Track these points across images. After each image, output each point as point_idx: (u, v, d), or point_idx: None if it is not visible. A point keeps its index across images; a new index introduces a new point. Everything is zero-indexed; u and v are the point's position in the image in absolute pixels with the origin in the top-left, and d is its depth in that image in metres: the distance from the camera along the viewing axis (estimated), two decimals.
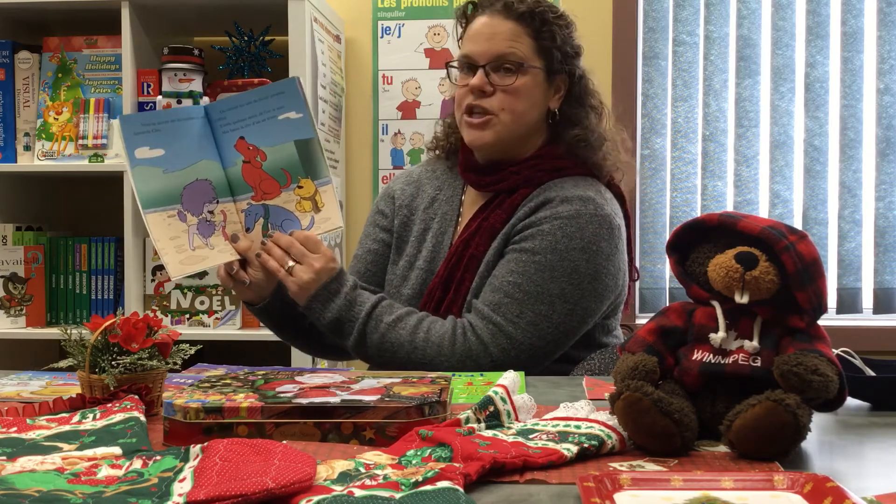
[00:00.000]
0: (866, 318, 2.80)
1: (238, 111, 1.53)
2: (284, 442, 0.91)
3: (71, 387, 1.34)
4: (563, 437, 0.96)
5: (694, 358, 1.03)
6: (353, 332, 1.57)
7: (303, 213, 1.58)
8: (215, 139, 1.53)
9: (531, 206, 1.63)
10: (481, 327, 1.55)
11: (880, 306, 2.79)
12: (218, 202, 1.54)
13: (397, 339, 1.56)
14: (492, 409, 1.02)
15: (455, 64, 1.70)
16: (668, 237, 1.24)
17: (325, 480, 0.81)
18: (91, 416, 1.04)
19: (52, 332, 2.45)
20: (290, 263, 1.56)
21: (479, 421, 1.00)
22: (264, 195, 1.57)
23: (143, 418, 1.02)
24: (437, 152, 1.84)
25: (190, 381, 1.39)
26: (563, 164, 1.67)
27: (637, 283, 2.82)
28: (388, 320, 1.57)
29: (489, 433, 0.97)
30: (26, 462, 0.87)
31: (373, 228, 1.83)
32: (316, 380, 1.15)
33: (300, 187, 1.57)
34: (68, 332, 1.19)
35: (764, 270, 1.00)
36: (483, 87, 1.63)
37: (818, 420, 1.09)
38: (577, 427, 0.98)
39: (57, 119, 2.47)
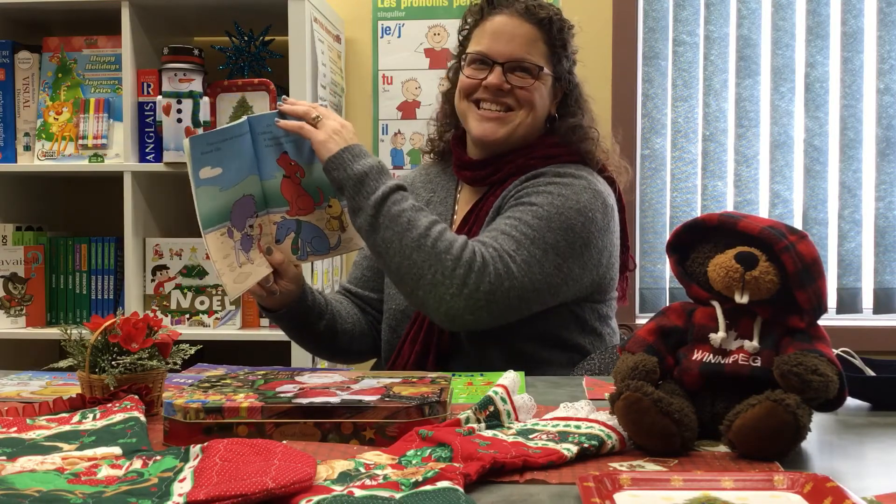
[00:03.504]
0: (866, 318, 2.80)
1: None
2: (284, 442, 0.91)
3: (71, 387, 1.34)
4: (563, 437, 0.96)
5: (694, 358, 1.03)
6: (375, 192, 1.51)
7: (331, 232, 1.61)
8: (255, 152, 1.54)
9: (522, 179, 1.65)
10: (483, 249, 1.52)
11: (880, 306, 2.79)
12: (257, 216, 1.56)
13: (416, 220, 1.50)
14: (492, 409, 1.02)
15: (476, 56, 1.68)
16: (668, 237, 1.24)
17: (325, 480, 0.81)
18: (91, 416, 1.04)
19: (52, 332, 2.45)
20: (316, 115, 1.55)
21: (479, 421, 1.00)
22: (299, 210, 1.59)
23: (143, 418, 1.02)
24: (433, 156, 1.86)
25: (190, 381, 1.39)
26: (555, 152, 1.69)
27: (637, 283, 2.82)
28: (415, 203, 1.54)
29: (489, 433, 0.97)
30: (26, 462, 0.87)
31: None
32: (316, 380, 1.15)
33: (329, 206, 1.60)
34: (68, 332, 1.19)
35: (764, 270, 1.00)
36: (502, 86, 1.65)
37: (818, 420, 1.09)
38: (577, 427, 0.98)
39: (57, 119, 2.47)
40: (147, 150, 2.43)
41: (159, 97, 2.39)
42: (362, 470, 0.84)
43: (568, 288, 1.59)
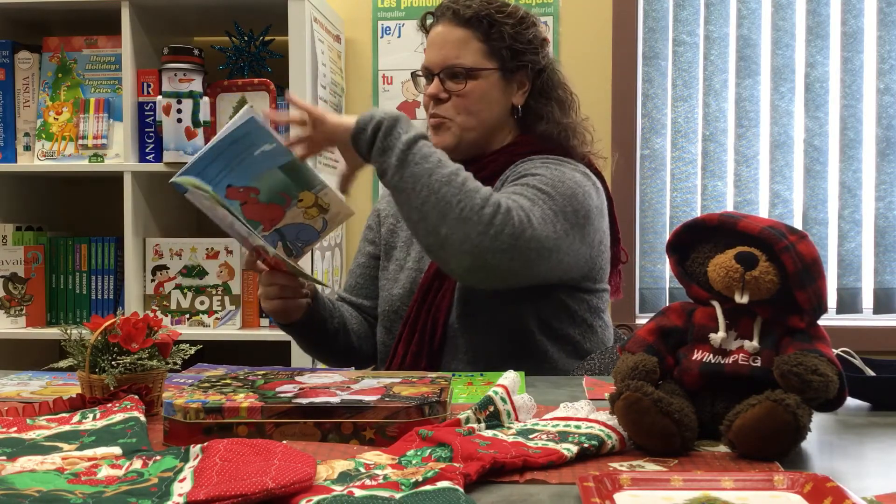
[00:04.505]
0: (866, 318, 2.80)
1: (215, 165, 1.52)
2: (284, 442, 0.91)
3: (71, 387, 1.34)
4: (563, 437, 0.96)
5: (694, 358, 1.03)
6: (407, 132, 1.50)
7: (313, 219, 1.61)
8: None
9: (516, 164, 1.67)
10: (505, 198, 1.49)
11: (880, 306, 2.79)
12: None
13: (446, 161, 1.49)
14: (492, 409, 1.02)
15: (420, 73, 1.75)
16: (668, 237, 1.24)
17: (325, 480, 0.81)
18: (91, 416, 1.04)
19: (52, 332, 2.45)
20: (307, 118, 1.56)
21: (479, 421, 1.00)
22: (273, 222, 1.59)
23: (143, 418, 1.02)
24: None
25: (190, 381, 1.39)
26: (539, 148, 1.71)
27: (637, 283, 2.82)
28: (441, 150, 1.53)
29: (489, 433, 0.97)
30: (26, 462, 0.87)
31: (362, 244, 1.91)
32: (316, 380, 1.15)
33: (300, 200, 1.59)
34: (68, 332, 1.19)
35: (764, 270, 1.00)
36: (438, 95, 1.69)
37: (818, 420, 1.09)
38: (577, 427, 0.98)
39: (57, 119, 2.47)
40: (147, 150, 2.43)
41: (159, 97, 2.39)
42: (362, 470, 0.84)
43: (569, 258, 1.57)
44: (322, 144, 1.58)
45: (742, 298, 1.00)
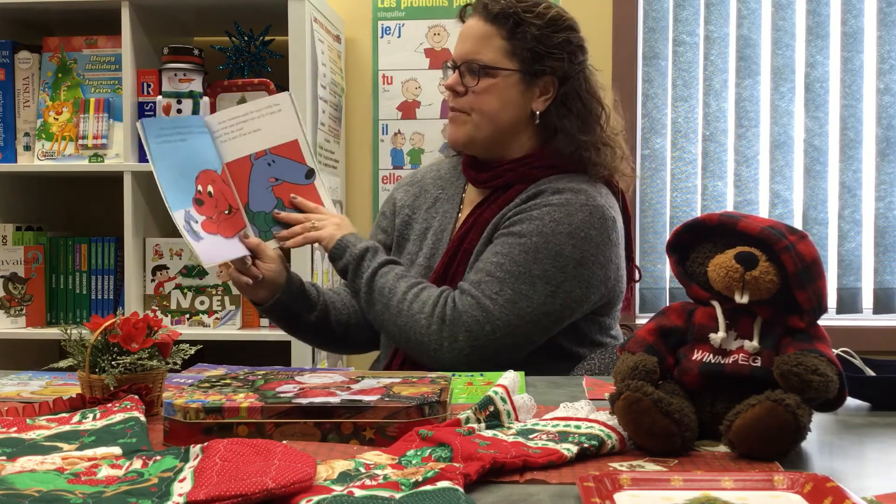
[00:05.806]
0: (866, 318, 2.80)
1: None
2: (284, 442, 0.91)
3: (71, 387, 1.34)
4: (563, 437, 0.96)
5: (694, 358, 1.03)
6: (369, 268, 1.62)
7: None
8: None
9: (522, 198, 1.64)
10: (459, 298, 1.56)
11: (880, 306, 2.79)
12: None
13: (397, 287, 1.60)
14: (492, 409, 1.02)
15: (449, 64, 1.73)
16: (668, 237, 1.24)
17: (325, 480, 0.81)
18: (91, 416, 1.04)
19: (52, 332, 2.45)
20: (313, 223, 1.67)
21: (479, 421, 1.00)
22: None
23: (143, 418, 1.02)
24: (453, 153, 1.86)
25: (190, 381, 1.39)
26: (558, 162, 1.67)
27: (637, 283, 2.82)
28: (399, 271, 1.63)
29: (489, 433, 0.97)
30: (26, 462, 0.87)
31: (375, 230, 1.88)
32: (316, 380, 1.15)
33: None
34: (68, 332, 1.19)
35: (764, 270, 1.00)
36: (455, 87, 1.67)
37: (818, 420, 1.09)
38: (577, 427, 0.98)
39: (57, 119, 2.47)
40: None
41: (159, 97, 2.39)
42: (362, 470, 0.84)
43: (571, 310, 1.59)
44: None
45: (742, 298, 1.00)
